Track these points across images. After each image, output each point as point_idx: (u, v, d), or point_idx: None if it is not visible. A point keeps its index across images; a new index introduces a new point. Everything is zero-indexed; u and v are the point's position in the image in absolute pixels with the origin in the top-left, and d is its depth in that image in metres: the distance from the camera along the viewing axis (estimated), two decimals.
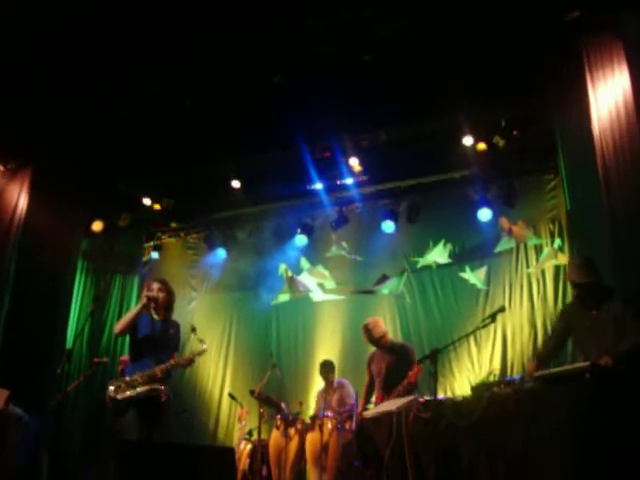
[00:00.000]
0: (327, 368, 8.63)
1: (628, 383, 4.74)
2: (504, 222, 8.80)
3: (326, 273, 9.95)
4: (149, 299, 5.95)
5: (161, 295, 6.07)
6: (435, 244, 9.44)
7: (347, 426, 7.68)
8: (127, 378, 5.78)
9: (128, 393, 5.64)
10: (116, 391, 5.70)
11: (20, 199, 9.28)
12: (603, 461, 4.17)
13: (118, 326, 6.08)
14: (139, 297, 10.84)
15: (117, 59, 7.95)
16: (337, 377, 8.77)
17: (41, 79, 8.17)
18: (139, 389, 5.64)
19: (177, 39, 7.73)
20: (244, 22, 7.54)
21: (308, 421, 7.93)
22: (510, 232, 8.85)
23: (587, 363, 4.59)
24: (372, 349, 7.74)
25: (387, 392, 7.08)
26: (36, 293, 9.17)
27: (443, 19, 7.46)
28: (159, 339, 5.88)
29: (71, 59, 7.91)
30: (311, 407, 8.97)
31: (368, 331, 7.53)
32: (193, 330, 6.18)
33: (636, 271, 6.38)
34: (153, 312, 6.06)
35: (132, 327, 5.96)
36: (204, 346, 6.01)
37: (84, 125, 8.99)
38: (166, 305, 6.10)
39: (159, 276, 10.65)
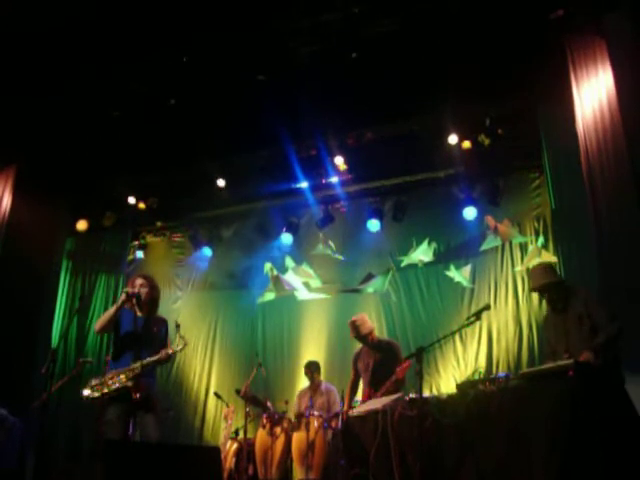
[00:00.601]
0: (312, 368, 8.61)
1: (608, 377, 4.80)
2: (490, 220, 8.82)
3: (311, 272, 9.94)
4: (128, 295, 5.79)
5: (144, 291, 5.90)
6: (420, 243, 9.44)
7: (333, 424, 7.69)
8: (101, 377, 5.66)
9: (104, 391, 5.54)
10: (90, 391, 5.61)
11: (3, 199, 9.24)
12: (587, 455, 4.20)
13: (97, 324, 5.92)
14: None
15: (101, 58, 7.94)
16: (323, 376, 8.75)
17: (25, 79, 8.14)
18: (112, 387, 5.53)
19: (161, 38, 7.72)
20: (230, 21, 7.54)
21: (294, 420, 7.92)
22: (496, 230, 8.87)
23: (570, 361, 4.63)
24: (358, 346, 7.73)
25: (375, 388, 7.08)
26: (20, 293, 9.12)
27: (429, 18, 7.49)
28: (141, 336, 5.71)
29: (55, 60, 7.89)
30: (292, 407, 8.94)
31: (355, 327, 7.49)
32: (177, 327, 5.99)
33: (620, 268, 6.44)
34: (136, 308, 5.90)
35: (113, 324, 5.83)
36: (184, 342, 5.80)
37: (68, 125, 8.96)
38: (149, 301, 5.94)
39: None
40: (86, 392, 5.64)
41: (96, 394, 5.57)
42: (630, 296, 6.12)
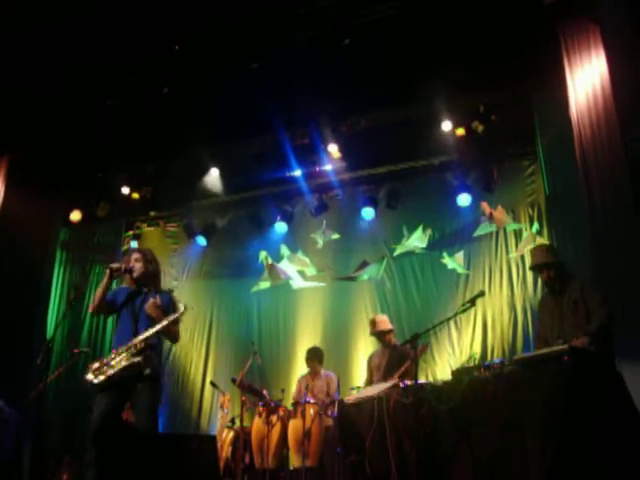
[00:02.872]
0: (312, 355, 8.59)
1: (602, 363, 4.82)
2: (485, 207, 8.81)
3: (307, 260, 9.93)
4: (112, 270, 5.47)
5: (138, 265, 5.60)
6: (414, 230, 9.43)
7: (329, 412, 7.71)
8: (102, 359, 5.29)
9: (109, 373, 5.18)
10: (93, 375, 5.22)
11: None
12: (582, 441, 4.21)
13: (91, 305, 5.65)
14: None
15: (93, 48, 7.90)
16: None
17: (18, 70, 8.10)
18: (118, 367, 5.19)
19: (154, 27, 7.69)
20: (223, 8, 7.51)
21: (290, 408, 7.94)
22: (491, 217, 8.86)
23: (565, 346, 4.64)
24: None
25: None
26: (15, 284, 9.11)
27: (423, 5, 7.46)
28: (140, 313, 5.45)
29: (48, 50, 7.85)
30: (291, 394, 8.96)
31: (375, 324, 7.74)
32: (171, 291, 5.82)
33: (615, 253, 6.45)
34: (133, 283, 5.64)
35: (105, 303, 5.54)
36: (182, 308, 5.55)
37: (61, 115, 8.92)
38: (145, 275, 5.64)
39: None
40: (89, 377, 5.26)
41: (101, 377, 5.21)
42: (624, 282, 6.14)
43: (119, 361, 5.24)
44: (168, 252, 11.47)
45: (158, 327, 5.33)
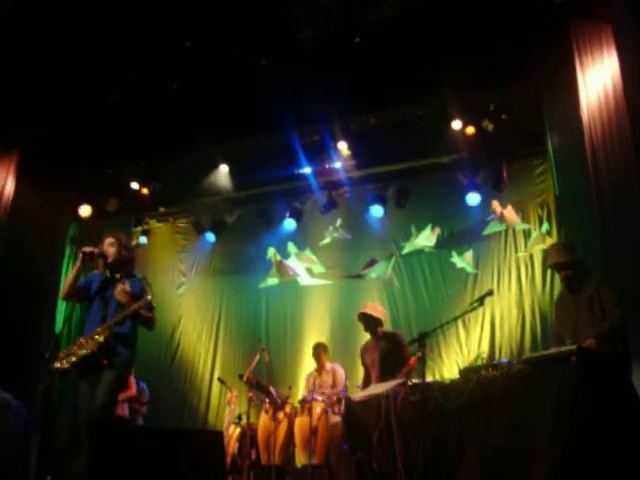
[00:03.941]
0: (319, 350, 8.60)
1: (612, 364, 4.80)
2: (496, 206, 8.78)
3: (314, 258, 9.92)
4: (85, 254, 5.37)
5: (111, 250, 5.52)
6: (423, 228, 9.42)
7: (336, 409, 7.70)
8: (70, 347, 5.29)
9: (73, 360, 5.15)
10: (59, 364, 5.19)
11: (7, 184, 9.24)
12: (590, 441, 4.20)
13: (62, 290, 5.59)
14: None
15: (104, 43, 7.92)
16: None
17: (28, 62, 8.12)
18: (80, 355, 5.16)
19: (163, 23, 7.71)
20: (232, 5, 7.52)
21: (297, 405, 7.94)
22: (502, 216, 8.83)
23: (573, 346, 4.63)
24: (364, 336, 7.72)
25: (386, 380, 7.02)
26: (24, 278, 9.13)
27: (433, 2, 7.45)
28: (109, 298, 5.36)
29: (59, 45, 7.87)
30: (300, 391, 8.98)
31: (366, 310, 7.52)
32: (145, 279, 5.62)
33: (625, 254, 6.43)
34: (106, 270, 5.56)
35: (77, 289, 5.48)
36: (149, 298, 5.35)
37: (72, 109, 8.95)
38: (119, 261, 5.54)
39: (148, 261, 10.65)
40: (56, 365, 5.22)
41: (66, 366, 5.17)
42: (634, 282, 6.10)
43: (82, 350, 5.20)
44: (177, 248, 11.54)
45: (124, 313, 5.25)
